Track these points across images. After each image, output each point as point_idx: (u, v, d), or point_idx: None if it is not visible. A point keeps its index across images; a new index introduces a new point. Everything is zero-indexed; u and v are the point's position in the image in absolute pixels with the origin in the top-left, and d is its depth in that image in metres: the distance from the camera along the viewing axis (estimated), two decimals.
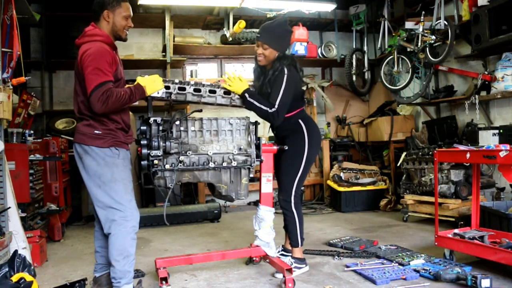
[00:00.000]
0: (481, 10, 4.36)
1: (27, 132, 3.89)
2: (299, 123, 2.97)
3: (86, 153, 2.38)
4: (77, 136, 2.43)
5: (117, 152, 2.42)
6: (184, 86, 2.72)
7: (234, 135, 2.82)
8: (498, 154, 2.64)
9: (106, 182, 2.37)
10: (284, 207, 3.02)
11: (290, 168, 2.96)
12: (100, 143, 2.37)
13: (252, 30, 6.09)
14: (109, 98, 2.26)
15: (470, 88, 4.89)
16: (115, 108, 2.32)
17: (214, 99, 2.81)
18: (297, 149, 2.95)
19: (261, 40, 2.89)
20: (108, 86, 2.27)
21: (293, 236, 3.02)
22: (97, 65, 2.27)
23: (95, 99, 2.24)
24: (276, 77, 2.85)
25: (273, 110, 2.77)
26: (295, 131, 2.97)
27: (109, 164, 2.38)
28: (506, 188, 4.31)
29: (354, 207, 5.50)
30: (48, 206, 4.13)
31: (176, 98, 2.72)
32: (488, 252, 2.76)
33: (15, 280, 2.40)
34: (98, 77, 2.25)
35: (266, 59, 2.91)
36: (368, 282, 2.75)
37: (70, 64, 5.69)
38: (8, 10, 3.16)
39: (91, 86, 2.25)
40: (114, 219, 2.36)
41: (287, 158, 2.97)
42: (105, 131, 2.39)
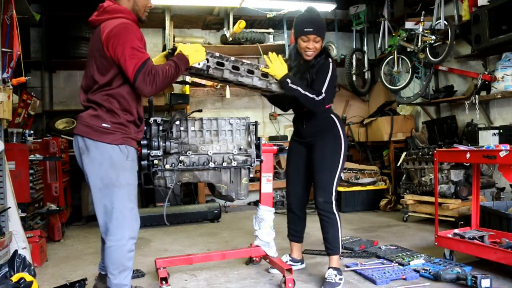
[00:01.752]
0: (481, 10, 4.36)
1: (27, 132, 3.89)
2: (333, 118, 2.80)
3: (88, 149, 2.11)
4: (80, 127, 2.13)
5: (126, 152, 2.16)
6: (223, 62, 2.49)
7: (234, 135, 2.82)
8: (498, 154, 2.64)
9: (108, 185, 2.11)
10: (325, 210, 2.72)
11: (330, 165, 2.72)
12: (108, 139, 2.10)
13: (252, 30, 6.10)
14: (156, 77, 2.02)
15: (470, 88, 4.89)
16: (165, 85, 2.10)
17: (250, 80, 2.60)
18: (335, 144, 2.75)
19: (315, 34, 2.66)
20: (150, 64, 2.03)
21: (335, 243, 2.73)
22: (131, 44, 2.01)
23: (142, 82, 2.00)
24: (322, 65, 2.70)
25: (321, 98, 2.60)
26: (330, 127, 2.78)
27: (115, 166, 2.11)
28: (506, 188, 4.31)
29: (354, 207, 5.50)
30: (48, 206, 4.13)
31: (213, 74, 2.48)
32: (488, 252, 2.76)
33: (15, 280, 2.40)
34: (136, 57, 2.01)
35: (316, 52, 2.72)
36: (368, 282, 2.75)
37: (70, 64, 5.70)
38: (8, 10, 3.17)
39: (133, 69, 2.00)
40: (111, 227, 2.14)
41: (325, 154, 2.74)
42: (114, 125, 2.11)
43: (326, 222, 2.74)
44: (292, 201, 2.98)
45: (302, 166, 2.89)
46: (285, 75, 2.62)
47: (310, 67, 2.72)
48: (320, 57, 2.73)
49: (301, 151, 2.88)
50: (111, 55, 2.04)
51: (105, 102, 2.11)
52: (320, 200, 2.72)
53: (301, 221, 3.02)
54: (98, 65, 2.10)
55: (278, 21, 6.24)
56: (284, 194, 6.09)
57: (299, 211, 2.99)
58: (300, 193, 2.95)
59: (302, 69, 2.76)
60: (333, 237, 2.73)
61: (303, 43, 2.70)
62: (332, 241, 2.73)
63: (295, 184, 2.93)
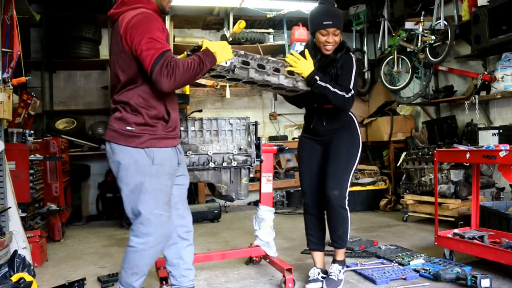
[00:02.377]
0: (481, 10, 4.36)
1: (27, 132, 3.89)
2: (351, 116, 2.70)
3: (114, 153, 2.01)
4: (108, 132, 2.04)
5: (152, 156, 2.00)
6: (248, 60, 2.29)
7: (234, 135, 2.82)
8: (498, 154, 2.64)
9: (134, 191, 1.99)
10: (338, 204, 2.58)
11: (346, 160, 2.61)
12: (133, 143, 1.97)
13: (252, 30, 6.10)
14: (175, 69, 1.84)
15: (470, 88, 4.89)
16: (186, 81, 1.91)
17: (277, 79, 2.42)
18: (352, 141, 2.64)
19: (334, 26, 2.52)
20: (169, 56, 1.86)
21: (344, 236, 2.65)
22: (149, 35, 1.87)
23: (159, 74, 1.83)
24: (345, 60, 2.57)
25: (350, 95, 2.49)
26: (348, 123, 2.67)
27: (140, 171, 1.98)
28: (506, 188, 4.31)
29: (354, 207, 5.49)
30: (48, 206, 4.13)
31: (238, 74, 2.28)
32: (488, 252, 2.76)
33: (14, 280, 2.40)
34: (154, 48, 1.85)
35: (335, 46, 2.58)
36: (368, 282, 2.75)
37: (70, 64, 5.71)
38: (8, 10, 3.17)
39: (150, 60, 1.83)
40: (136, 233, 2.02)
41: (342, 149, 2.62)
42: (139, 127, 1.97)
43: (337, 217, 2.60)
44: (309, 201, 2.76)
45: (316, 165, 2.73)
46: (313, 71, 2.47)
47: (332, 62, 2.59)
48: (340, 51, 2.59)
49: (315, 149, 2.73)
50: (129, 47, 1.91)
51: (130, 101, 1.97)
52: (336, 193, 2.56)
53: (321, 225, 2.78)
54: (119, 61, 1.98)
55: (278, 21, 6.24)
56: (284, 194, 6.10)
57: (318, 213, 2.76)
58: (317, 193, 2.73)
59: (323, 64, 2.61)
60: (343, 232, 2.63)
61: (322, 37, 2.54)
62: (342, 236, 2.64)
63: (311, 184, 2.74)
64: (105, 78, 5.93)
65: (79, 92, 6.00)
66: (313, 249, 2.81)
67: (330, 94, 2.47)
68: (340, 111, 2.60)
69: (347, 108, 2.55)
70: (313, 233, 2.79)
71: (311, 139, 2.76)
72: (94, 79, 6.04)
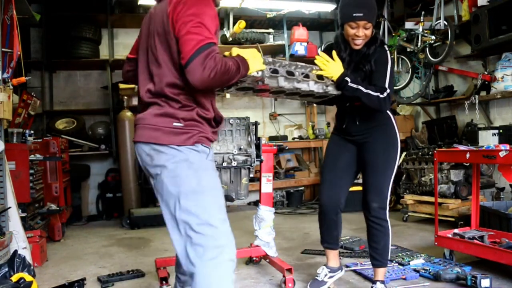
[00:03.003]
0: (481, 10, 4.36)
1: (27, 132, 3.89)
2: (388, 113, 2.46)
3: (158, 156, 1.67)
4: (145, 132, 1.69)
5: (206, 150, 1.71)
6: (276, 68, 2.08)
7: (234, 135, 2.82)
8: (498, 154, 2.64)
9: (188, 194, 1.62)
10: (378, 217, 2.37)
11: (384, 165, 2.37)
12: (181, 140, 1.65)
13: (252, 30, 6.10)
14: (218, 66, 1.55)
15: (470, 88, 4.89)
16: (221, 82, 1.63)
17: (307, 85, 2.23)
18: (389, 142, 2.41)
19: (365, 19, 2.27)
20: (215, 49, 1.57)
21: (385, 254, 2.41)
22: (200, 20, 1.58)
23: (200, 64, 1.52)
24: (380, 55, 2.34)
25: (385, 95, 2.27)
26: (384, 121, 2.43)
27: (194, 167, 1.65)
28: (506, 188, 4.31)
29: (354, 207, 5.43)
30: (48, 206, 4.13)
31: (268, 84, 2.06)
32: (488, 252, 2.76)
33: (14, 280, 2.40)
34: (202, 36, 1.56)
35: (365, 40, 2.34)
36: (368, 282, 2.75)
37: (70, 64, 5.71)
38: (8, 10, 3.17)
39: (194, 46, 1.54)
40: (202, 250, 1.58)
41: (379, 153, 2.38)
42: (188, 122, 1.67)
43: (378, 230, 2.38)
44: (326, 202, 2.52)
45: (344, 163, 2.50)
46: (343, 74, 2.27)
47: (366, 57, 2.36)
48: (373, 45, 2.35)
49: (347, 148, 2.50)
50: (173, 27, 1.61)
51: (177, 96, 1.67)
52: (375, 206, 2.35)
53: (336, 225, 2.59)
54: (163, 45, 1.67)
55: (278, 21, 6.24)
56: (284, 194, 6.10)
57: (334, 214, 2.54)
58: (337, 194, 2.52)
59: (356, 60, 2.39)
60: (384, 248, 2.40)
61: (351, 30, 2.31)
62: (382, 253, 2.40)
63: (332, 184, 2.51)
64: (105, 78, 5.92)
65: (79, 92, 6.00)
66: (327, 247, 2.63)
67: (363, 97, 2.26)
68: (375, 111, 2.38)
69: (383, 109, 2.34)
70: (327, 232, 2.59)
71: (338, 138, 2.56)
72: (94, 79, 6.04)
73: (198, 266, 1.57)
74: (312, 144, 6.30)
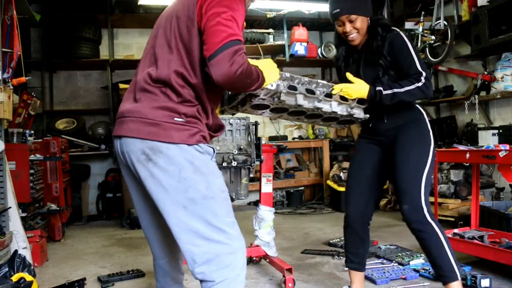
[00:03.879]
0: (480, 10, 4.36)
1: (28, 132, 3.89)
2: (417, 107, 2.22)
3: (157, 155, 1.47)
4: (139, 126, 1.49)
5: (210, 150, 1.56)
6: (295, 85, 1.91)
7: (234, 135, 2.82)
8: (497, 154, 2.64)
9: (196, 199, 1.47)
10: (414, 220, 2.05)
11: (416, 162, 2.10)
12: (183, 138, 1.48)
13: (252, 30, 6.10)
14: (245, 65, 1.43)
15: (470, 88, 4.90)
16: (242, 84, 1.50)
17: (329, 106, 2.03)
18: (422, 137, 2.15)
19: (345, 13, 2.08)
20: (243, 48, 1.46)
21: (445, 265, 2.02)
22: (233, 13, 1.46)
23: (227, 57, 1.39)
24: (393, 41, 2.09)
25: (423, 80, 2.04)
26: (416, 119, 2.19)
27: (200, 170, 1.49)
28: (506, 188, 4.31)
29: None
30: (49, 206, 4.13)
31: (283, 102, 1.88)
32: (487, 252, 2.76)
33: (15, 280, 2.40)
34: (233, 30, 1.44)
35: (360, 32, 2.13)
36: (368, 282, 2.75)
37: (70, 64, 5.71)
38: (8, 10, 3.17)
39: (223, 40, 1.40)
40: (217, 257, 1.47)
41: (410, 149, 2.12)
42: (189, 119, 1.51)
43: (422, 238, 2.06)
44: (351, 213, 2.29)
45: (370, 169, 2.26)
46: (371, 87, 2.06)
47: (376, 51, 2.13)
48: (377, 35, 2.12)
49: (372, 152, 2.27)
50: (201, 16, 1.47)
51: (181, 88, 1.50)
52: (406, 208, 2.06)
53: (362, 242, 2.32)
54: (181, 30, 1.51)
55: (278, 21, 6.24)
56: (284, 194, 6.10)
57: (360, 228, 2.29)
58: (363, 204, 2.27)
59: (367, 57, 2.18)
60: (439, 257, 2.02)
61: (339, 29, 2.15)
62: (440, 263, 2.02)
63: (357, 193, 2.28)
64: (105, 78, 5.93)
65: (79, 92, 6.00)
66: (350, 267, 2.36)
67: (404, 97, 2.05)
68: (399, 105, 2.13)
69: (428, 94, 2.09)
70: (351, 249, 2.33)
71: (369, 141, 2.30)
72: (94, 79, 6.04)
73: (214, 274, 1.47)
74: (312, 144, 6.30)
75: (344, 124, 2.29)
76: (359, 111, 2.13)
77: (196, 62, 1.51)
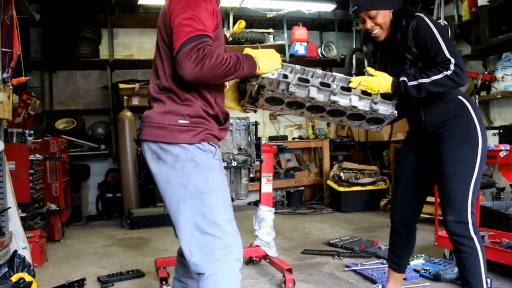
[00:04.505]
0: (481, 10, 4.36)
1: (27, 132, 3.89)
2: (462, 101, 2.02)
3: (164, 153, 1.65)
4: (150, 130, 1.67)
5: (212, 149, 1.67)
6: (307, 78, 1.87)
7: (234, 135, 2.82)
8: (498, 154, 2.64)
9: (195, 194, 1.60)
10: (457, 233, 1.96)
11: (463, 168, 1.95)
12: (187, 138, 1.63)
13: (252, 30, 6.09)
14: (206, 58, 1.51)
15: (470, 88, 4.89)
16: (213, 76, 1.56)
17: (347, 100, 1.93)
18: (468, 137, 1.97)
19: (363, 10, 2.03)
20: (205, 41, 1.53)
21: (476, 281, 1.95)
22: (193, 11, 1.56)
23: (185, 56, 1.49)
24: (417, 29, 1.97)
25: (453, 68, 1.88)
26: (459, 113, 2.01)
27: (200, 167, 1.62)
28: (506, 188, 4.31)
29: (354, 207, 5.50)
30: (48, 206, 4.13)
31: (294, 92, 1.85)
32: (488, 252, 2.74)
33: (14, 280, 2.40)
34: (191, 26, 1.53)
35: (384, 27, 2.05)
36: (368, 282, 2.75)
37: (70, 64, 5.71)
38: (8, 10, 3.16)
39: (182, 39, 1.52)
40: (209, 250, 1.56)
41: (454, 153, 1.97)
42: (193, 119, 1.65)
43: (461, 251, 1.97)
44: (395, 214, 2.27)
45: (414, 170, 2.19)
46: (394, 80, 1.95)
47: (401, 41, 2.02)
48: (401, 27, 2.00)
49: (419, 151, 2.18)
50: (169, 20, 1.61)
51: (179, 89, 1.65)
52: (450, 219, 1.97)
53: (404, 243, 2.28)
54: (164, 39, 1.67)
55: (278, 21, 6.24)
56: (284, 194, 6.11)
57: (402, 229, 2.25)
58: (406, 206, 2.23)
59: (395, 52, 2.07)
60: (471, 271, 1.95)
61: (362, 26, 2.10)
62: (471, 279, 1.95)
63: (402, 194, 2.24)
64: (105, 78, 5.92)
65: (79, 92, 6.00)
66: (390, 266, 2.34)
67: (432, 88, 1.91)
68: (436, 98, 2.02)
69: (460, 82, 1.92)
70: (393, 248, 2.32)
71: (410, 142, 2.25)
72: (94, 79, 6.04)
73: (206, 267, 1.56)
74: (312, 144, 6.30)
75: (376, 124, 2.10)
76: (386, 107, 1.98)
77: None
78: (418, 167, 2.18)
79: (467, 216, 1.94)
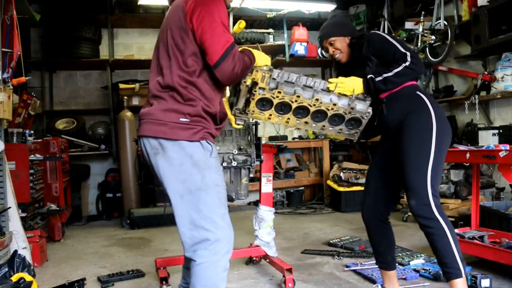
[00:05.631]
0: (480, 10, 4.36)
1: (27, 132, 3.89)
2: (420, 96, 2.20)
3: (164, 149, 1.74)
4: (150, 126, 1.76)
5: (210, 148, 1.78)
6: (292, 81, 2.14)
7: (234, 135, 2.82)
8: (497, 154, 2.64)
9: (192, 190, 1.72)
10: (423, 215, 2.05)
11: (418, 153, 2.10)
12: (187, 135, 1.72)
13: (252, 30, 6.09)
14: (242, 64, 1.75)
15: (470, 88, 4.90)
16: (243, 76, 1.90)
17: (328, 99, 2.17)
18: (421, 125, 2.13)
19: (324, 38, 2.38)
20: (236, 49, 1.75)
21: (450, 260, 2.02)
22: (222, 19, 1.71)
23: (229, 65, 1.69)
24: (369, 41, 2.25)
25: (409, 59, 2.12)
26: (415, 107, 2.17)
27: (198, 165, 1.73)
28: (506, 188, 4.31)
29: (354, 207, 5.49)
30: (48, 206, 4.13)
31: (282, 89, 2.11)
32: (488, 252, 2.76)
33: (14, 280, 2.40)
34: (227, 36, 1.71)
35: (343, 51, 2.35)
36: (368, 282, 2.75)
37: (70, 64, 5.71)
38: (8, 10, 3.17)
39: (222, 48, 1.68)
40: (202, 241, 1.71)
41: (407, 142, 2.13)
42: (194, 118, 1.75)
43: (429, 233, 2.06)
44: (364, 212, 2.39)
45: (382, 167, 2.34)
46: (364, 80, 2.17)
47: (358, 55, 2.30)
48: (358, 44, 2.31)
49: (384, 150, 2.35)
50: (193, 27, 1.71)
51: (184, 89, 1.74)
52: (412, 203, 2.07)
53: (382, 239, 2.37)
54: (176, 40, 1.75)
55: (278, 21, 6.24)
56: (284, 194, 6.11)
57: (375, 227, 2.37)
58: (375, 204, 2.34)
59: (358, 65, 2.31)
60: (444, 251, 2.02)
61: (327, 54, 2.49)
62: (445, 260, 2.02)
63: (371, 193, 2.36)
64: (105, 78, 5.93)
65: (79, 92, 6.00)
66: (379, 266, 2.44)
67: (395, 79, 2.14)
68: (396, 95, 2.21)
69: (418, 70, 2.16)
70: (375, 247, 2.41)
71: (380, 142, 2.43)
72: (94, 79, 6.04)
73: (197, 254, 1.71)
74: (312, 144, 6.30)
75: (355, 128, 2.26)
76: (362, 105, 2.20)
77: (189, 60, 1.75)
78: (385, 164, 2.32)
79: (428, 198, 2.05)
